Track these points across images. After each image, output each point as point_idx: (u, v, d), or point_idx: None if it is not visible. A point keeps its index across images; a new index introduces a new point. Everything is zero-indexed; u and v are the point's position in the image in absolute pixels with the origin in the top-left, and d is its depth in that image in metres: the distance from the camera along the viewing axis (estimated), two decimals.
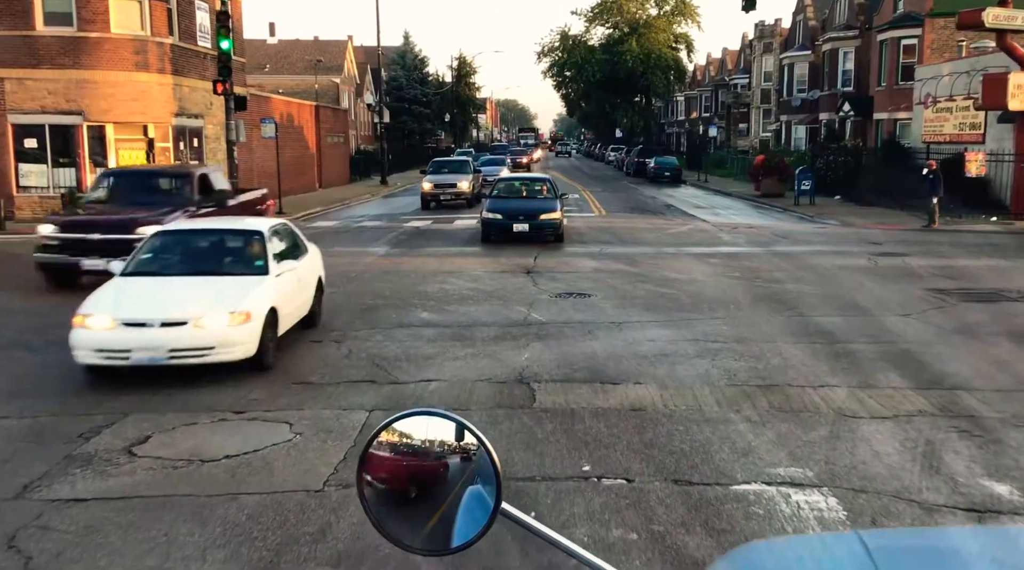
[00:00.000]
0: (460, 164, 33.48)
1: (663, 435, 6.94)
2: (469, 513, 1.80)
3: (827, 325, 11.05)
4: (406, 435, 1.85)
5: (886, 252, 18.48)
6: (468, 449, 1.83)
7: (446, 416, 1.85)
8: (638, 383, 8.48)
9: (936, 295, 13.17)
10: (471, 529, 1.78)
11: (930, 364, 9.11)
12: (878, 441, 6.72)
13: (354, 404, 7.80)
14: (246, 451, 6.57)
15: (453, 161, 34.79)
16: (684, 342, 10.19)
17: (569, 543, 1.78)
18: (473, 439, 1.82)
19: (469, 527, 1.79)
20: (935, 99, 30.40)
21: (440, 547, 1.85)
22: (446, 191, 30.29)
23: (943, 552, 1.79)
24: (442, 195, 30.24)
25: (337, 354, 9.70)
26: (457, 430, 1.84)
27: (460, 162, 33.88)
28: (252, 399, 7.93)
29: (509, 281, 14.75)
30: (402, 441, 1.85)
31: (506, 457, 6.31)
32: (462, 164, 33.45)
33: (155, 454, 6.54)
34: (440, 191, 30.23)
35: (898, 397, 7.86)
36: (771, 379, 8.56)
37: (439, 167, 32.62)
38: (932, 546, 1.88)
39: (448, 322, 11.44)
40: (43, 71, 23.77)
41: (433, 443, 1.84)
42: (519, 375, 8.78)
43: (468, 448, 1.83)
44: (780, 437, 6.85)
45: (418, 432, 1.85)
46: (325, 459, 6.43)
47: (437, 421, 1.85)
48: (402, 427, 1.85)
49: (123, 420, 7.34)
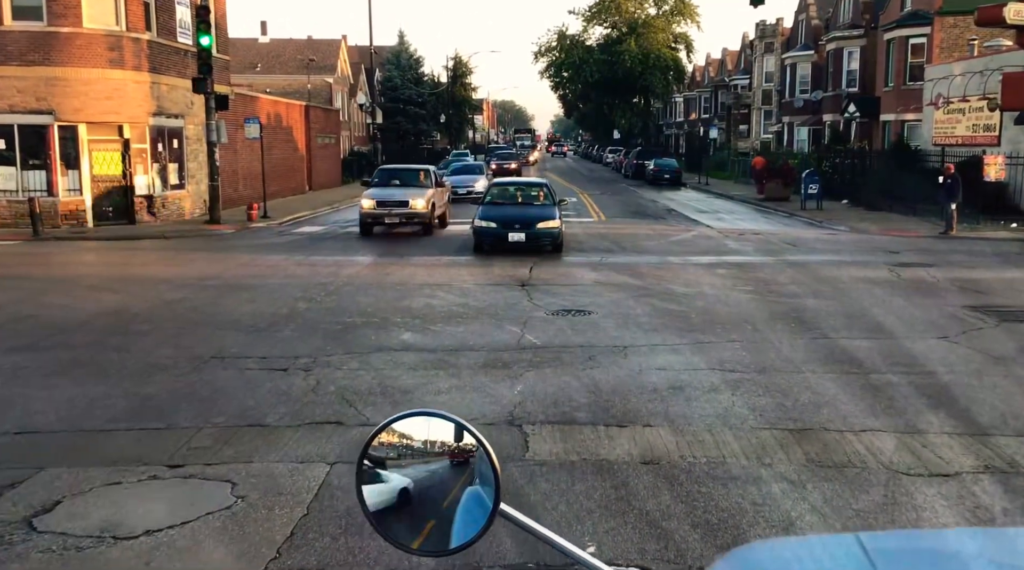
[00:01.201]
0: (416, 173, 24.01)
1: (682, 500, 5.72)
2: (468, 514, 1.80)
3: (857, 350, 9.85)
4: (405, 435, 1.86)
5: (906, 262, 17.31)
6: (467, 450, 1.84)
7: (445, 417, 1.86)
8: (648, 425, 7.28)
9: (971, 313, 11.98)
10: (470, 530, 1.79)
11: (985, 401, 7.90)
12: (944, 510, 5.52)
13: (313, 454, 6.58)
14: (172, 524, 5.34)
15: (407, 170, 25.07)
16: (698, 371, 8.98)
17: (568, 544, 1.77)
18: (472, 440, 1.83)
19: (468, 528, 1.79)
20: (947, 100, 29.20)
21: (439, 548, 1.87)
22: (393, 212, 21.57)
23: (942, 553, 1.78)
24: (387, 217, 21.55)
25: (303, 386, 8.48)
26: (456, 431, 1.84)
27: (417, 171, 24.41)
28: (194, 448, 6.71)
29: (502, 295, 13.54)
30: (401, 441, 1.86)
31: (490, 533, 5.09)
32: (419, 174, 23.99)
33: (59, 528, 5.31)
34: (385, 212, 21.58)
35: (956, 447, 6.65)
36: (803, 421, 7.35)
37: (387, 177, 23.80)
38: (931, 548, 1.87)
39: (432, 345, 10.22)
40: (11, 68, 22.50)
41: (432, 443, 1.85)
42: (510, 415, 7.57)
43: (467, 449, 1.84)
44: (825, 503, 5.64)
45: (417, 432, 1.86)
46: (269, 535, 5.21)
47: (436, 421, 1.86)
48: (401, 427, 1.86)
49: (34, 477, 6.11)
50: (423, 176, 23.68)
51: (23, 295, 13.81)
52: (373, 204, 21.67)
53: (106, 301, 13.38)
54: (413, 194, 21.94)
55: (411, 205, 21.48)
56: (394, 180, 23.47)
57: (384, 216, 21.57)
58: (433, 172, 24.31)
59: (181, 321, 11.77)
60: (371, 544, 5.07)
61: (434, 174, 24.17)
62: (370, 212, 21.67)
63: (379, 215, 21.59)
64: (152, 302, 13.19)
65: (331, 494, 5.79)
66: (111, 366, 9.26)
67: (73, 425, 7.31)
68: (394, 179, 23.57)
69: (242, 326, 11.29)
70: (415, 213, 21.56)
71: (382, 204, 21.61)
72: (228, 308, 12.63)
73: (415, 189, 22.49)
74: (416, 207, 21.51)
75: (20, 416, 7.56)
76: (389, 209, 21.54)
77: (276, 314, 12.12)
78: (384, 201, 21.69)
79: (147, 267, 18.28)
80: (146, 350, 9.99)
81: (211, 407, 7.77)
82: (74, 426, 7.29)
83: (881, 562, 1.69)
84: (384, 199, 21.77)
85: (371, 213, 21.65)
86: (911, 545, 1.94)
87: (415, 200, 21.64)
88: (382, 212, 21.56)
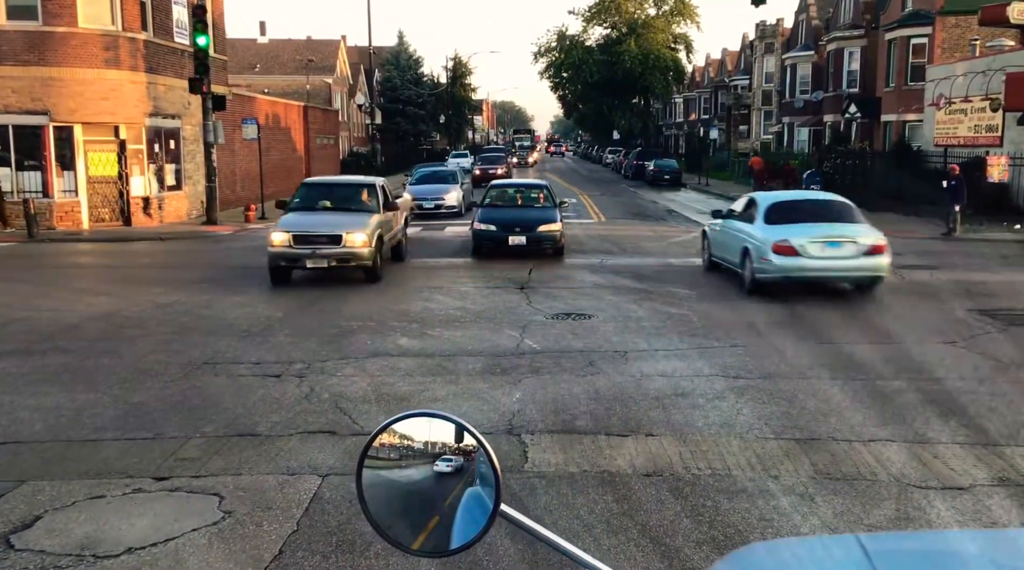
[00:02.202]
0: (357, 190, 16.33)
1: (687, 514, 5.51)
2: (468, 514, 1.80)
3: (862, 355, 9.64)
4: (406, 436, 1.86)
5: (909, 264, 17.08)
6: (467, 450, 1.84)
7: (446, 418, 1.86)
8: (651, 434, 7.07)
9: (978, 317, 11.77)
10: (470, 530, 1.79)
11: (996, 409, 7.69)
12: (959, 527, 5.31)
13: (305, 466, 6.37)
14: (156, 541, 5.13)
15: (344, 185, 17.36)
16: (701, 378, 8.77)
17: (568, 545, 1.77)
18: (472, 440, 1.83)
19: (468, 528, 1.79)
20: (948, 100, 29.00)
21: (439, 548, 1.86)
22: (320, 251, 14.04)
23: (942, 555, 1.77)
24: (310, 259, 14.03)
25: (296, 393, 8.26)
26: (456, 431, 1.84)
27: (358, 187, 16.56)
28: (181, 459, 6.49)
29: (500, 298, 13.33)
30: (402, 442, 1.86)
31: (487, 547, 4.90)
32: (361, 191, 16.23)
33: (38, 546, 5.09)
34: (308, 251, 14.01)
35: (968, 458, 6.44)
36: (810, 430, 7.14)
37: (314, 197, 16.05)
38: (931, 549, 1.86)
39: (429, 350, 10.01)
40: (6, 68, 22.28)
41: (433, 444, 1.85)
42: (509, 423, 7.36)
43: (467, 449, 1.84)
44: (836, 518, 5.43)
45: (418, 433, 1.86)
46: (256, 553, 5.00)
47: (437, 422, 1.86)
48: (402, 428, 1.86)
49: (15, 490, 5.90)
50: (366, 195, 15.90)
51: (14, 299, 13.60)
52: (288, 238, 13.98)
53: (98, 304, 13.17)
54: (350, 224, 14.30)
55: (346, 240, 13.96)
56: (324, 198, 15.92)
57: (304, 257, 13.94)
58: (382, 188, 16.39)
59: (173, 325, 11.55)
60: (363, 562, 4.87)
61: (382, 191, 16.19)
62: (282, 250, 13.99)
63: (296, 256, 14.03)
64: (145, 306, 12.97)
65: (322, 509, 5.58)
66: (100, 372, 9.05)
67: (58, 435, 7.10)
68: (325, 196, 16.01)
69: (235, 330, 11.08)
70: (351, 252, 14.02)
71: (303, 239, 14.02)
72: (222, 312, 12.42)
73: (354, 216, 14.83)
74: (353, 244, 14.01)
75: (5, 425, 7.35)
76: (315, 246, 13.98)
77: (271, 317, 11.91)
78: (307, 235, 14.04)
79: (141, 269, 18.06)
80: (137, 355, 9.78)
81: (201, 415, 7.56)
82: (59, 436, 7.08)
83: (881, 563, 1.68)
84: (307, 231, 14.13)
85: (284, 252, 14.02)
86: (911, 546, 1.94)
87: (352, 233, 14.03)
88: (303, 251, 13.95)
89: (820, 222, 13.51)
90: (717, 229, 15.75)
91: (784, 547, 2.17)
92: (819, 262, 12.96)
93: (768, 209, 13.90)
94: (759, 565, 1.82)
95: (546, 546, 1.79)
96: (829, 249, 13.00)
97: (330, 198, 16.02)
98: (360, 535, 5.09)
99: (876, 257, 12.99)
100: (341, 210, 15.34)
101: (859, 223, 13.57)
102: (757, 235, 13.45)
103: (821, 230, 13.18)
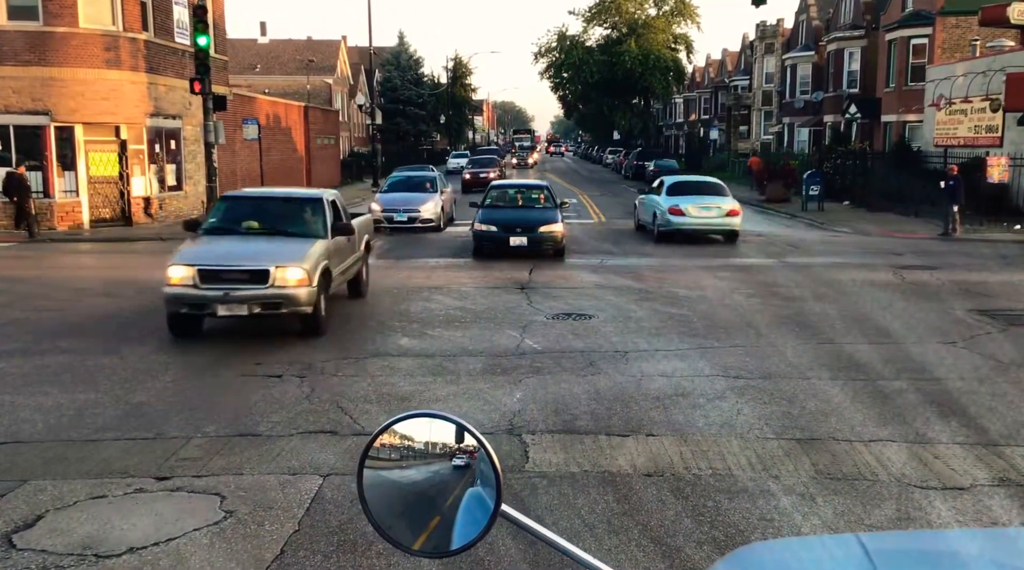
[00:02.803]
0: (298, 206, 12.12)
1: (688, 514, 5.52)
2: (469, 514, 1.80)
3: (863, 356, 9.65)
4: (406, 436, 1.86)
5: (909, 265, 17.10)
6: (468, 451, 1.84)
7: (446, 418, 1.86)
8: (651, 434, 7.08)
9: (978, 317, 11.78)
10: (471, 531, 1.79)
11: (996, 409, 7.70)
12: (961, 527, 5.32)
13: (306, 465, 6.38)
14: (157, 541, 5.13)
15: (281, 199, 12.87)
16: (701, 378, 8.78)
17: (569, 545, 1.77)
18: (473, 441, 1.83)
19: (469, 529, 1.79)
20: (948, 100, 29.00)
21: (440, 549, 1.86)
22: (238, 292, 10.16)
23: (942, 554, 1.77)
24: (224, 303, 10.15)
25: (297, 393, 8.27)
26: (457, 432, 1.85)
27: (299, 202, 12.26)
28: (183, 459, 6.50)
29: (501, 298, 13.33)
30: (402, 443, 1.86)
31: (488, 547, 4.91)
32: (303, 207, 12.04)
33: (39, 545, 5.10)
34: (220, 292, 10.12)
35: (968, 458, 6.45)
36: (810, 430, 7.15)
37: (237, 213, 12.00)
38: (931, 548, 1.86)
39: (430, 351, 10.01)
40: (7, 68, 22.27)
41: (434, 445, 1.85)
42: (510, 423, 7.37)
43: (468, 450, 1.84)
44: (836, 518, 5.44)
45: (418, 433, 1.86)
46: (257, 553, 5.00)
47: (438, 423, 1.86)
48: (402, 428, 1.86)
49: (17, 490, 5.91)
50: (310, 213, 11.75)
51: (14, 298, 13.61)
52: (190, 275, 10.08)
53: (99, 305, 13.18)
54: (282, 254, 10.47)
55: (275, 278, 10.12)
56: (249, 222, 11.73)
57: (214, 301, 10.08)
58: (332, 203, 12.13)
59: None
60: (364, 562, 4.88)
61: (332, 208, 12.01)
62: (183, 292, 10.13)
63: (203, 300, 10.12)
64: (145, 306, 12.95)
65: (323, 508, 5.59)
66: (101, 372, 9.05)
67: (60, 434, 7.11)
68: (250, 220, 11.75)
69: (236, 330, 11.08)
70: (282, 294, 10.15)
71: (211, 276, 10.12)
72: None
73: (289, 242, 10.97)
74: (285, 282, 10.16)
75: (6, 425, 7.36)
76: (226, 287, 10.08)
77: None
78: (216, 269, 10.17)
79: (142, 270, 18.01)
80: (138, 355, 9.78)
81: (202, 415, 7.57)
82: (61, 435, 7.09)
83: (881, 562, 1.68)
84: (217, 265, 10.25)
85: (185, 294, 10.13)
86: (911, 545, 1.93)
87: (285, 267, 10.18)
88: (210, 293, 10.06)
89: (700, 195, 20.82)
90: (642, 201, 23.25)
91: (785, 546, 2.17)
92: (696, 220, 20.25)
93: (669, 187, 21.47)
94: (760, 565, 1.82)
95: (547, 546, 1.79)
96: (703, 211, 20.24)
97: (259, 217, 11.83)
98: (361, 535, 5.10)
99: (733, 217, 20.37)
100: (272, 234, 11.32)
101: (725, 196, 20.92)
102: (661, 203, 20.74)
103: (699, 200, 20.46)
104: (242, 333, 10.93)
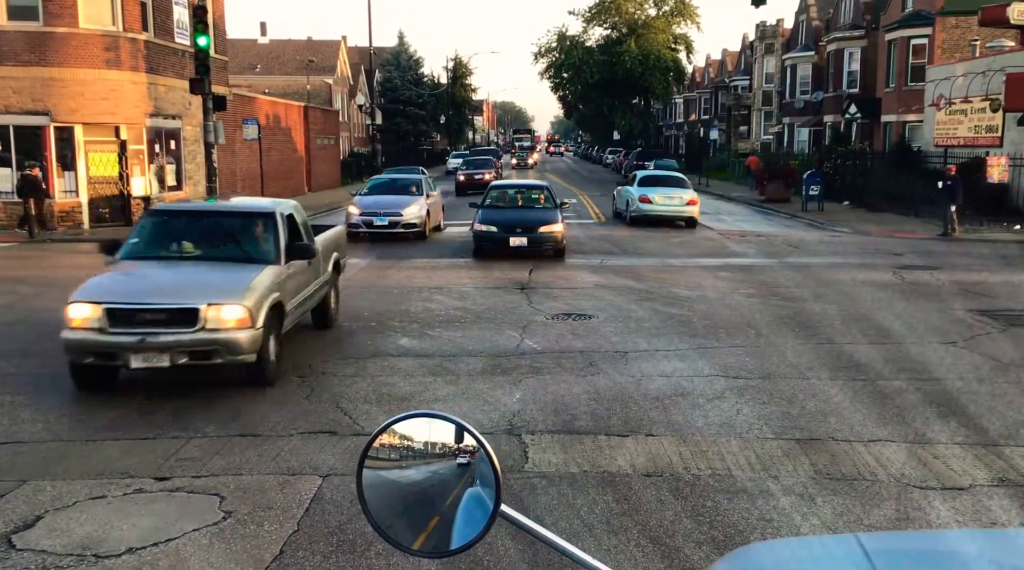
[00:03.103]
0: (244, 223, 9.79)
1: (687, 514, 5.52)
2: (468, 515, 1.80)
3: (862, 356, 9.65)
4: (406, 436, 1.86)
5: (909, 265, 17.11)
6: (468, 451, 1.84)
7: (446, 418, 1.85)
8: (651, 435, 7.09)
9: (978, 317, 11.78)
10: (471, 531, 1.79)
11: (995, 409, 7.70)
12: (960, 527, 5.32)
13: (306, 466, 6.38)
14: (157, 541, 5.14)
15: (223, 213, 10.31)
16: (701, 378, 8.78)
17: (568, 546, 1.77)
18: (472, 441, 1.83)
19: (469, 529, 1.80)
20: (948, 101, 29.00)
21: (439, 549, 1.86)
22: (157, 338, 7.80)
23: (942, 554, 1.77)
24: (137, 352, 7.78)
25: (297, 394, 8.28)
26: (456, 432, 1.84)
27: (245, 219, 9.91)
28: (183, 459, 6.50)
29: (501, 299, 13.34)
30: (402, 443, 1.86)
31: (488, 547, 4.91)
32: (249, 224, 9.71)
33: (39, 545, 5.11)
34: (134, 339, 7.77)
35: (968, 458, 6.46)
36: (810, 430, 7.15)
37: (166, 232, 9.95)
38: (931, 548, 1.86)
39: (430, 351, 10.02)
40: (7, 68, 22.25)
41: (433, 445, 1.85)
42: (509, 423, 7.38)
43: (468, 450, 1.84)
44: (835, 518, 5.44)
45: (418, 434, 1.86)
46: (257, 554, 5.01)
47: (437, 423, 1.85)
48: (402, 428, 1.86)
49: (17, 490, 5.91)
50: (260, 229, 9.61)
51: (14, 299, 13.61)
52: (97, 316, 7.97)
53: None
54: (218, 288, 8.29)
55: (206, 318, 7.95)
56: (181, 243, 9.88)
57: (127, 348, 7.83)
58: (288, 219, 9.83)
59: None
60: (364, 562, 4.88)
61: (288, 226, 9.70)
62: (87, 337, 7.93)
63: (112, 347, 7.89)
64: None
65: (323, 509, 5.59)
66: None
67: (60, 435, 7.12)
68: (182, 241, 9.90)
69: None
70: (215, 340, 7.99)
71: (123, 318, 7.95)
72: None
73: (228, 271, 8.82)
74: (220, 323, 8.03)
75: (6, 425, 7.36)
76: (143, 331, 7.90)
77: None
78: (130, 308, 8.03)
79: None
80: None
81: (202, 415, 7.57)
82: (60, 436, 7.09)
83: (881, 563, 1.68)
84: (131, 303, 8.11)
85: (90, 341, 7.93)
86: (911, 546, 1.93)
87: (221, 305, 8.03)
88: (121, 339, 7.84)
89: (666, 187, 25.11)
90: (619, 192, 27.80)
91: (784, 547, 2.17)
92: (662, 207, 24.34)
93: (640, 179, 26.21)
94: (759, 565, 1.82)
95: (546, 546, 1.79)
96: (667, 200, 24.39)
97: (193, 238, 9.79)
98: (361, 535, 5.10)
99: (692, 206, 24.36)
100: (210, 261, 9.19)
101: (686, 188, 25.25)
102: (633, 193, 25.11)
103: (665, 190, 24.74)
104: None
